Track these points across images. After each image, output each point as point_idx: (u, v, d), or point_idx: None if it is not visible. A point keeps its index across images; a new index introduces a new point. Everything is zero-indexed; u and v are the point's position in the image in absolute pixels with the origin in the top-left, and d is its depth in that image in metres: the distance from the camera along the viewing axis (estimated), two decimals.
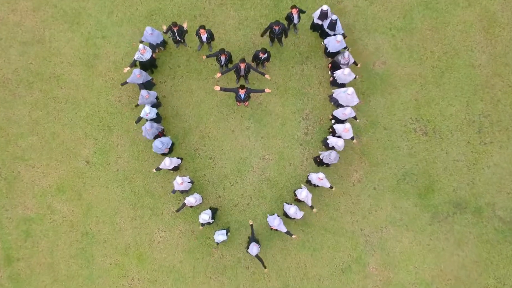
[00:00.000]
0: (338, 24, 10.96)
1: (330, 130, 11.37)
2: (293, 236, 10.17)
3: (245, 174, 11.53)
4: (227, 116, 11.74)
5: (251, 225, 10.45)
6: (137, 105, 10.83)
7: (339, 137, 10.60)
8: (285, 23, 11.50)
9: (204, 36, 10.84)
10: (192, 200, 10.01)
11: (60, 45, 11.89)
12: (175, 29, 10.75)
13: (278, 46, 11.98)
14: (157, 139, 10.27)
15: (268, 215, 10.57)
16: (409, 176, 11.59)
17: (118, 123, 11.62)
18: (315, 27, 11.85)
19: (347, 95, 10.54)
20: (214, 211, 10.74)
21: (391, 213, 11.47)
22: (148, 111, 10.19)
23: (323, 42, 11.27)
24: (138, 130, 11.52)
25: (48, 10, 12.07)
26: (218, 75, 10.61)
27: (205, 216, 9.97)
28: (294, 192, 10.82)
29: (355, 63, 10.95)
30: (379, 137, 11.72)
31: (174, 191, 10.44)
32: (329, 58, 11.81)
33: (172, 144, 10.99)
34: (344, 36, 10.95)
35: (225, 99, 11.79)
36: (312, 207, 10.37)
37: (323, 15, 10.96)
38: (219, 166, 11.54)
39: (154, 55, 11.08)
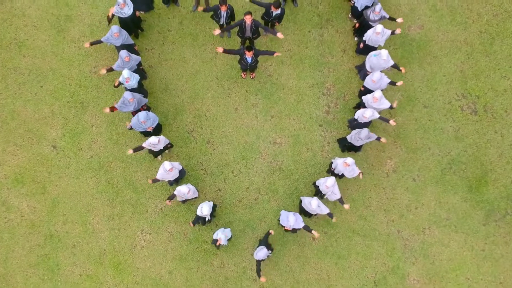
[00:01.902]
0: None
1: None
2: (313, 232, 8.76)
3: (251, 162, 10.18)
4: (229, 91, 10.48)
5: (268, 233, 9.05)
6: (117, 86, 9.49)
7: None
8: None
9: None
10: (184, 189, 8.65)
11: (24, 4, 10.79)
12: None
13: (291, 6, 10.85)
14: (142, 111, 8.87)
15: (281, 211, 9.10)
16: (456, 165, 10.28)
17: (94, 99, 10.38)
18: None
19: (379, 59, 9.26)
20: (212, 207, 9.28)
21: (435, 211, 10.12)
22: (127, 75, 8.96)
23: (352, 0, 10.02)
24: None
25: None
26: (217, 31, 9.40)
27: (206, 208, 8.60)
28: (314, 184, 9.40)
29: (391, 18, 9.67)
30: (418, 117, 10.48)
31: (155, 180, 9.00)
32: (355, 21, 10.55)
33: (159, 125, 9.63)
34: None
35: (227, 69, 10.58)
36: (342, 201, 8.96)
37: None
38: (219, 152, 10.21)
39: (137, 14, 9.80)
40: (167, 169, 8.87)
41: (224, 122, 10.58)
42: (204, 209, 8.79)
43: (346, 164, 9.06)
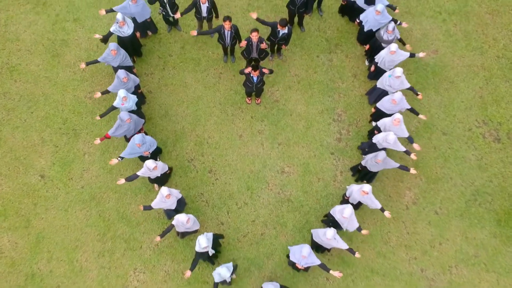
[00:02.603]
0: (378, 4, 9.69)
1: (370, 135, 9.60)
2: (331, 272, 7.99)
3: (257, 193, 9.62)
4: (232, 117, 10.13)
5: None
6: (102, 116, 9.21)
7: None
8: None
9: (204, 7, 9.51)
10: (183, 218, 8.03)
11: (19, 29, 10.68)
12: None
13: (298, 31, 10.70)
14: (138, 134, 8.41)
15: (289, 247, 8.37)
16: (481, 196, 9.70)
17: (88, 126, 10.00)
18: (344, 9, 10.63)
19: (394, 79, 8.94)
20: (215, 239, 8.56)
21: (462, 247, 9.42)
22: (123, 95, 8.56)
23: (358, 19, 9.89)
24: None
25: None
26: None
27: (203, 240, 8.01)
28: (327, 214, 8.76)
29: (402, 41, 9.46)
30: (437, 145, 10.02)
31: (147, 208, 8.52)
32: (365, 46, 10.38)
33: (157, 149, 9.15)
34: (393, 8, 9.57)
35: (231, 95, 10.31)
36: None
37: None
38: (222, 182, 9.67)
39: (138, 34, 9.62)
40: (164, 195, 8.30)
41: (227, 150, 10.13)
42: (201, 241, 8.11)
43: (364, 193, 8.47)
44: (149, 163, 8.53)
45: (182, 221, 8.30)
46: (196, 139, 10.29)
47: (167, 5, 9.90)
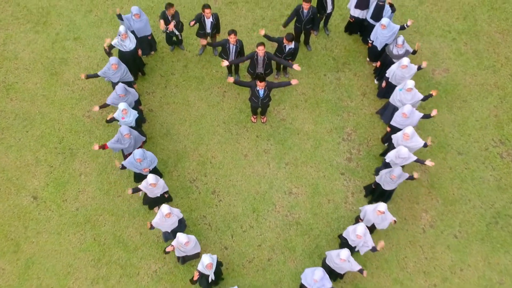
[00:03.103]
0: (387, 9, 9.49)
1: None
2: None
3: (263, 215, 9.10)
4: (237, 136, 9.75)
5: None
6: (109, 120, 8.96)
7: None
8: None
9: (208, 22, 9.36)
10: (183, 239, 7.52)
11: (17, 48, 10.49)
12: (169, 15, 9.26)
13: (305, 49, 10.53)
14: (138, 149, 7.99)
15: (306, 270, 7.77)
16: (502, 219, 9.23)
17: (85, 145, 9.60)
18: (352, 27, 10.57)
19: (405, 93, 8.68)
20: (216, 266, 7.98)
21: (485, 273, 8.82)
22: (123, 107, 8.24)
23: (370, 39, 9.71)
24: (111, 154, 9.29)
25: (8, 9, 11.03)
26: (225, 62, 8.84)
27: (207, 259, 7.37)
28: (340, 236, 8.23)
29: (414, 52, 9.23)
30: (453, 165, 9.59)
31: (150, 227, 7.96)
32: (375, 64, 10.18)
33: (157, 171, 8.76)
34: (404, 27, 9.56)
35: (235, 113, 9.97)
36: (375, 250, 7.93)
37: None
38: (226, 204, 9.17)
39: (139, 52, 9.42)
40: (164, 214, 7.78)
41: (231, 170, 9.67)
42: (205, 259, 7.51)
43: (379, 212, 7.95)
44: (150, 177, 8.07)
45: (181, 241, 7.73)
46: (199, 159, 9.86)
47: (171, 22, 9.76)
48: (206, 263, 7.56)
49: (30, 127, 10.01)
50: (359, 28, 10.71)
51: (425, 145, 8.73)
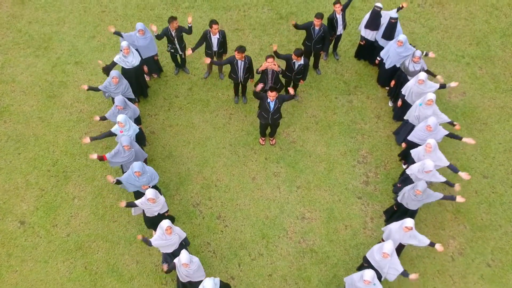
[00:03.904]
0: (399, 29, 9.30)
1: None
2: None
3: (274, 242, 8.31)
4: (244, 159, 9.18)
5: None
6: (93, 138, 8.33)
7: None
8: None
9: (215, 39, 9.11)
10: (185, 257, 6.65)
11: (15, 71, 10.25)
12: (173, 29, 9.01)
13: (314, 74, 10.26)
14: (137, 162, 7.40)
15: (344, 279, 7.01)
16: None
17: (80, 168, 9.02)
18: (362, 52, 10.28)
19: (426, 107, 8.27)
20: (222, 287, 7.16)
21: None
22: (122, 120, 7.72)
23: (379, 57, 9.46)
24: (108, 173, 8.69)
25: (9, 35, 10.85)
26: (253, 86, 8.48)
27: (209, 284, 6.42)
28: (364, 258, 7.37)
29: (429, 72, 8.84)
30: (478, 189, 8.96)
31: (147, 242, 7.20)
32: (387, 88, 9.85)
33: (158, 189, 8.12)
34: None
35: (242, 135, 9.50)
36: (406, 274, 7.01)
37: (375, 17, 9.41)
38: (233, 230, 8.42)
39: (145, 69, 9.17)
40: (164, 228, 7.00)
41: (238, 193, 8.97)
42: (207, 284, 6.61)
43: (407, 229, 7.18)
44: (149, 191, 7.35)
45: (185, 259, 6.88)
46: (203, 182, 9.19)
47: (175, 39, 9.51)
48: None
49: (22, 149, 9.43)
50: (369, 53, 10.50)
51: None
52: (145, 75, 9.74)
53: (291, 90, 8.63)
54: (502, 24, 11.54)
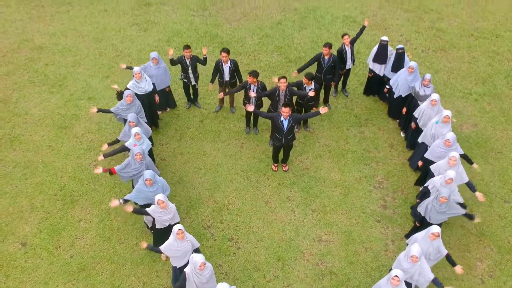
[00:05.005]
0: (407, 59, 9.64)
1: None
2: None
3: (290, 264, 7.84)
4: (257, 184, 9.02)
5: None
6: (106, 155, 8.30)
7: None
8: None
9: (226, 68, 9.42)
10: (198, 259, 6.28)
11: (29, 105, 10.47)
12: (187, 56, 9.31)
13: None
14: (148, 170, 7.27)
15: None
16: None
17: (88, 192, 8.83)
18: (371, 86, 10.60)
19: (442, 125, 8.29)
20: None
21: None
22: (139, 131, 7.80)
23: (388, 85, 9.69)
24: (117, 197, 8.45)
25: (25, 75, 11.24)
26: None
27: (225, 286, 5.99)
28: (391, 270, 6.96)
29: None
30: (501, 213, 8.72)
31: (153, 249, 6.94)
32: (397, 120, 9.98)
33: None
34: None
35: (254, 163, 9.42)
36: (438, 283, 6.55)
37: (382, 50, 9.80)
38: (246, 252, 8.00)
39: (157, 98, 9.26)
40: (176, 231, 6.61)
41: (251, 216, 8.62)
42: (221, 286, 6.11)
43: (434, 236, 6.80)
44: (159, 195, 7.08)
45: (195, 262, 6.42)
46: (214, 205, 8.88)
47: (189, 67, 9.78)
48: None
49: (30, 174, 9.26)
50: (378, 87, 10.74)
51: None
52: (157, 98, 9.89)
53: (323, 110, 8.57)
54: (505, 67, 11.96)
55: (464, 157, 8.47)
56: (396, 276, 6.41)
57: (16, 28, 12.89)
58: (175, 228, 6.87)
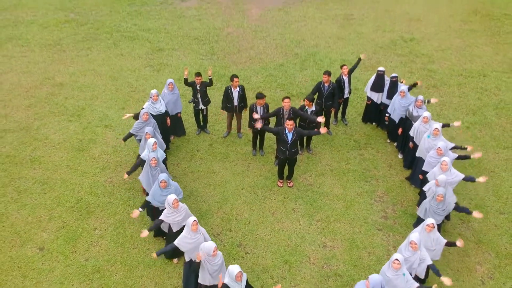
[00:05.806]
0: (401, 87, 10.46)
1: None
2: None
3: (297, 267, 8.20)
4: (263, 198, 9.57)
5: None
6: (129, 172, 8.90)
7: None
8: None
9: (236, 93, 10.24)
10: (210, 246, 6.68)
11: (49, 131, 11.25)
12: (198, 82, 10.18)
13: (325, 134, 11.15)
14: (162, 173, 7.87)
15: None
16: None
17: (103, 204, 9.37)
18: (369, 112, 11.50)
19: (434, 138, 8.98)
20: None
21: None
22: (155, 141, 8.75)
23: (388, 113, 10.45)
24: (129, 210, 8.91)
25: (46, 107, 12.05)
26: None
27: (236, 267, 6.37)
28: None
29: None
30: (497, 223, 9.20)
31: (160, 253, 7.35)
32: (395, 143, 10.65)
33: None
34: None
35: (261, 180, 9.99)
36: (436, 271, 6.92)
37: (379, 80, 10.67)
38: (254, 256, 8.38)
39: (168, 121, 10.01)
40: (190, 223, 7.03)
41: (259, 225, 9.03)
42: (233, 268, 6.47)
43: (429, 228, 7.24)
44: (170, 197, 7.56)
45: (208, 248, 6.77)
46: (223, 216, 9.29)
47: (199, 93, 10.62)
48: (236, 272, 6.50)
49: (48, 189, 9.77)
50: (376, 114, 11.50)
51: (471, 178, 8.49)
52: (168, 121, 10.54)
53: (323, 130, 9.25)
54: (493, 100, 12.83)
55: (460, 158, 9.03)
56: (397, 259, 6.79)
57: (39, 68, 13.99)
58: (190, 220, 7.30)
